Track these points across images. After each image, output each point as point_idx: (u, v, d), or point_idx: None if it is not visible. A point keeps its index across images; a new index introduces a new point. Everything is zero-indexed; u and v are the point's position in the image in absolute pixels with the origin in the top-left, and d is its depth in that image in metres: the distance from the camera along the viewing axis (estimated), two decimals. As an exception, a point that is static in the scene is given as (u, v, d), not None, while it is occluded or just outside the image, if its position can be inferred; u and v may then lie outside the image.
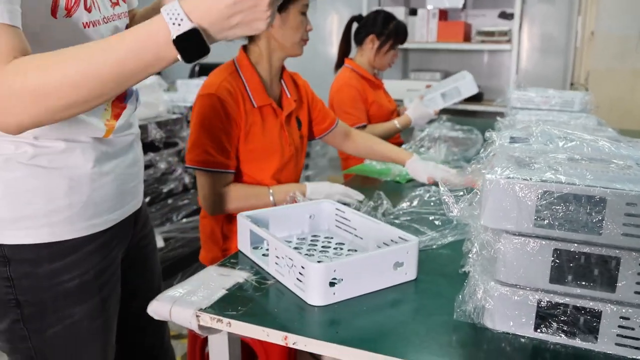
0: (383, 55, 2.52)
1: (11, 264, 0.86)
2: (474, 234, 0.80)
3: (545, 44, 4.52)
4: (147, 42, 0.71)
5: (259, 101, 1.50)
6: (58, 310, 0.90)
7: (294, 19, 1.52)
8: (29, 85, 0.70)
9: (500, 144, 0.94)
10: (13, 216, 0.85)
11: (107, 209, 0.94)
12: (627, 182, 0.70)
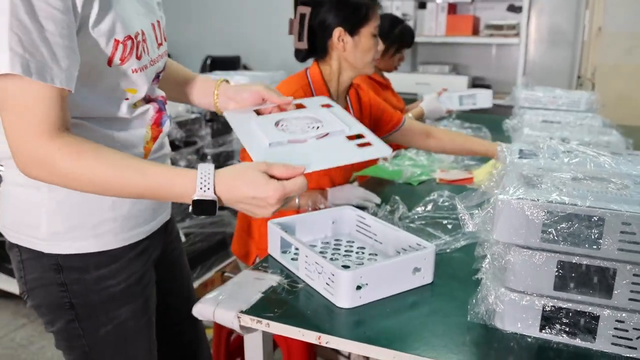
0: (389, 58, 2.61)
1: (64, 271, 0.96)
2: (487, 246, 0.89)
3: (553, 37, 4.56)
4: (172, 189, 0.85)
5: None
6: (107, 311, 1.01)
7: (365, 42, 1.59)
8: (65, 167, 0.81)
9: (510, 160, 1.04)
10: (66, 229, 0.95)
11: (144, 221, 1.04)
12: (623, 203, 0.79)
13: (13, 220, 0.97)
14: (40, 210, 0.93)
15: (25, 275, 0.97)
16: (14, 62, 0.75)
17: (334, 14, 1.57)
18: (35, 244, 0.95)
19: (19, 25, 0.75)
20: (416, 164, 1.97)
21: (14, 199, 0.96)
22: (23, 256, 0.97)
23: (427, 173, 1.86)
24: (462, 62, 4.80)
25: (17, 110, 0.79)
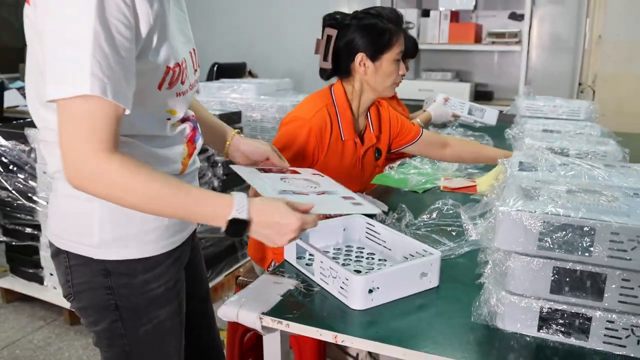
0: None
1: (111, 276, 1.05)
2: (489, 253, 0.97)
3: (555, 45, 4.63)
4: (213, 209, 0.95)
5: (346, 135, 1.67)
6: (148, 312, 1.09)
7: (387, 67, 1.66)
8: (123, 182, 0.89)
9: (510, 172, 1.12)
10: (114, 237, 1.03)
11: (179, 230, 1.13)
12: (612, 214, 0.87)
13: (64, 229, 1.05)
14: (92, 220, 1.02)
15: (72, 279, 1.06)
16: (94, 85, 0.84)
17: (357, 39, 1.63)
18: (85, 250, 1.03)
19: (100, 52, 0.84)
20: (421, 173, 2.05)
21: (66, 210, 1.05)
22: (71, 262, 1.05)
23: (431, 181, 1.94)
24: (465, 69, 4.88)
25: (87, 127, 0.86)
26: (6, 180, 2.64)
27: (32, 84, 1.02)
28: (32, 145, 2.50)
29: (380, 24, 1.63)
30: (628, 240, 0.85)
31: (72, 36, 0.84)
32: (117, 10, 0.86)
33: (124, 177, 0.89)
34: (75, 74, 0.84)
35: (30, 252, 2.73)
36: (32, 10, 0.92)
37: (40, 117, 1.01)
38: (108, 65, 0.85)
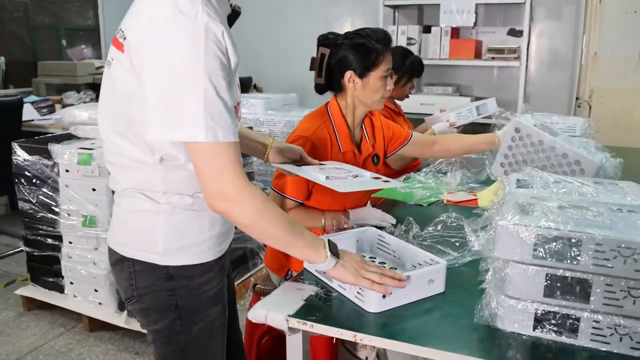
0: (401, 88, 2.83)
1: (174, 279, 1.18)
2: (489, 261, 1.10)
3: (553, 60, 4.76)
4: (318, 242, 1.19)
5: (345, 147, 1.80)
6: (202, 311, 1.23)
7: (373, 83, 1.79)
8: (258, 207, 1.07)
9: (509, 189, 1.25)
10: (177, 246, 1.17)
11: (226, 239, 1.28)
12: (596, 228, 1.00)
13: (131, 239, 1.19)
14: (158, 232, 1.16)
15: (136, 283, 1.20)
16: (207, 133, 1.00)
17: (347, 57, 1.78)
18: (150, 258, 1.17)
19: (210, 104, 0.99)
20: (425, 187, 2.18)
21: (133, 223, 1.19)
22: (135, 268, 1.19)
23: (435, 195, 2.07)
24: (465, 83, 5.02)
25: (228, 163, 1.03)
26: (29, 193, 2.77)
27: (109, 116, 1.17)
28: (55, 160, 2.64)
29: (368, 44, 1.77)
30: (610, 250, 0.98)
31: (189, 90, 0.99)
32: (220, 65, 1.01)
33: (259, 205, 1.07)
34: (199, 122, 0.99)
35: (51, 261, 2.86)
36: (126, 57, 1.06)
37: (115, 145, 1.16)
38: (218, 113, 1.01)
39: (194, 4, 1.00)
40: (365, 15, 5.26)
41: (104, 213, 2.57)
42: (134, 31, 1.04)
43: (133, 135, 1.12)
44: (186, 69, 0.98)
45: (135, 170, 1.15)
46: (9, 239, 4.05)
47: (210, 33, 0.99)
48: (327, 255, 1.15)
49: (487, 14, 4.87)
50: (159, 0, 1.02)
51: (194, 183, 1.14)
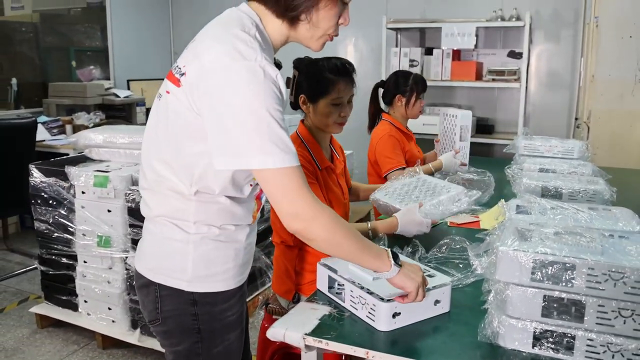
0: (412, 107, 2.96)
1: (198, 305, 1.27)
2: (491, 283, 1.19)
3: (552, 81, 4.88)
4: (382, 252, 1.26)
5: (321, 164, 1.91)
6: (222, 335, 1.31)
7: (322, 109, 1.92)
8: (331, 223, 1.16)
9: (509, 215, 1.34)
10: (204, 274, 1.26)
11: (247, 268, 1.37)
12: (589, 253, 1.09)
13: (160, 265, 1.28)
14: (187, 260, 1.24)
15: (161, 307, 1.28)
16: (275, 160, 1.09)
17: (302, 83, 1.94)
18: (178, 284, 1.25)
19: (274, 134, 1.09)
20: (430, 209, 2.26)
21: (164, 250, 1.27)
22: (162, 292, 1.27)
23: (439, 217, 2.16)
24: (467, 104, 5.12)
25: (299, 184, 1.12)
26: (45, 213, 2.86)
27: (155, 144, 1.26)
28: (71, 182, 2.73)
29: (322, 73, 1.91)
30: (601, 274, 1.07)
31: (252, 123, 1.08)
32: (277, 101, 1.11)
33: (330, 221, 1.15)
34: (265, 150, 1.09)
35: (66, 280, 2.95)
36: (184, 91, 1.15)
37: (155, 172, 1.25)
38: (283, 141, 1.10)
39: (254, 50, 1.11)
40: (368, 37, 5.39)
41: (118, 234, 2.66)
42: (195, 70, 1.14)
43: (177, 166, 1.21)
44: (249, 105, 1.08)
45: (170, 199, 1.24)
46: (21, 258, 4.14)
47: (267, 74, 1.10)
48: (392, 264, 1.24)
49: (488, 36, 5.00)
50: (222, 44, 1.12)
51: (222, 216, 1.24)
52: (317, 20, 1.20)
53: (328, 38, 1.26)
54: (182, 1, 6.43)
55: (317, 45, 1.27)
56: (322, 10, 1.19)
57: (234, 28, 1.14)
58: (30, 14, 5.20)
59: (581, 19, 4.61)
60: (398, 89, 2.97)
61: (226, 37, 1.13)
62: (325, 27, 1.22)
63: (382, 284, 1.31)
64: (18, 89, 4.99)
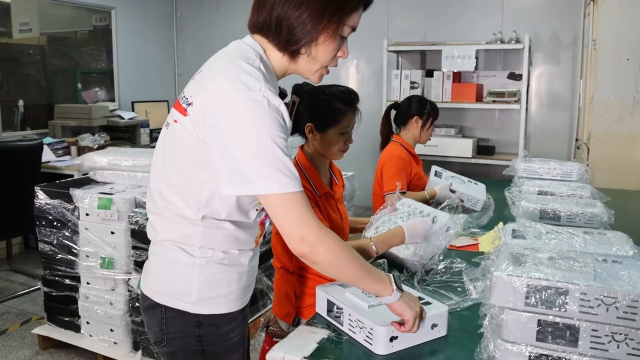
0: (426, 131, 3.04)
1: (202, 326, 1.29)
2: (487, 308, 1.21)
3: (552, 102, 4.92)
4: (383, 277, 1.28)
5: (320, 190, 1.94)
6: (225, 356, 1.34)
7: (331, 138, 1.94)
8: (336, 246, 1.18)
9: (504, 240, 1.36)
10: (208, 296, 1.28)
11: (249, 291, 1.39)
12: (582, 278, 1.11)
13: (166, 288, 1.31)
14: (192, 282, 1.27)
15: (166, 328, 1.31)
16: (280, 186, 1.12)
17: (310, 111, 1.95)
18: (183, 306, 1.28)
19: (278, 161, 1.12)
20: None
21: (170, 273, 1.30)
22: (167, 314, 1.30)
23: (438, 240, 2.18)
24: (468, 125, 5.17)
25: (303, 209, 1.15)
26: (50, 235, 2.89)
27: (162, 170, 1.30)
28: (76, 204, 2.77)
29: (332, 103, 1.93)
30: (594, 299, 1.08)
31: (259, 151, 1.11)
32: (281, 129, 1.15)
33: (334, 245, 1.18)
34: (271, 177, 1.12)
35: (68, 301, 2.97)
36: (190, 120, 1.19)
37: (163, 197, 1.29)
38: (287, 167, 1.13)
39: (258, 81, 1.15)
40: (369, 60, 5.46)
41: (121, 255, 2.68)
42: (201, 100, 1.18)
43: (185, 192, 1.25)
44: (254, 133, 1.12)
45: (177, 224, 1.27)
46: (24, 278, 4.16)
47: (272, 104, 1.14)
48: (394, 289, 1.27)
49: (488, 58, 5.06)
50: (227, 76, 1.16)
51: (227, 241, 1.27)
52: (317, 54, 1.25)
53: (325, 71, 1.31)
54: (186, 24, 6.53)
55: (315, 78, 1.32)
56: (321, 45, 1.23)
57: (239, 60, 1.19)
58: (38, 37, 5.29)
59: (580, 41, 4.68)
60: (416, 111, 3.05)
61: (231, 69, 1.17)
62: (324, 60, 1.27)
63: (377, 312, 1.33)
64: (24, 110, 5.06)
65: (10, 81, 4.98)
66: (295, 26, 1.21)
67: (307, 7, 1.19)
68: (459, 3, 5.10)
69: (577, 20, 4.67)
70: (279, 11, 1.21)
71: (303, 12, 1.20)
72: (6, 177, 3.62)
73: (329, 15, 1.20)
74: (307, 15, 1.20)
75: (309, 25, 1.20)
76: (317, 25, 1.20)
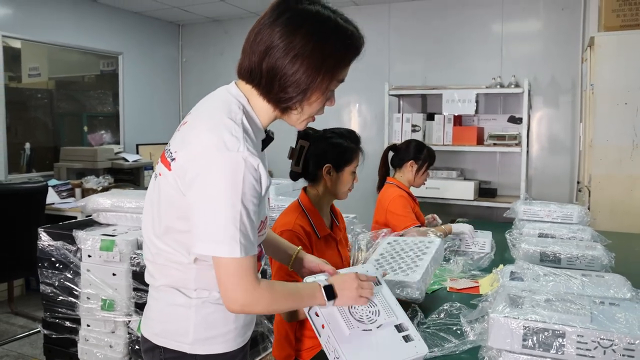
0: (421, 175, 3.08)
1: None
2: (485, 350, 1.21)
3: (553, 146, 4.96)
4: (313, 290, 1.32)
5: (321, 232, 1.96)
6: None
7: (346, 177, 2.04)
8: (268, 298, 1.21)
9: (502, 282, 1.37)
10: (205, 336, 1.29)
11: (249, 329, 1.40)
12: (578, 320, 1.11)
13: (164, 329, 1.32)
14: (188, 323, 1.28)
15: None
16: (240, 250, 1.16)
17: (327, 153, 2.02)
18: (180, 347, 1.29)
19: (242, 225, 1.16)
20: (430, 274, 2.28)
21: (168, 316, 1.31)
22: (166, 355, 1.31)
23: (439, 282, 2.18)
24: (469, 168, 5.21)
25: (243, 275, 1.17)
26: (51, 276, 2.90)
27: (151, 220, 1.33)
28: (78, 246, 2.78)
29: (345, 143, 2.04)
30: (591, 341, 1.09)
31: (227, 214, 1.15)
32: (253, 192, 1.18)
33: (268, 299, 1.22)
34: (230, 240, 1.15)
35: (68, 344, 2.95)
36: (173, 176, 1.23)
37: (154, 245, 1.32)
38: (246, 231, 1.17)
39: (237, 140, 1.18)
40: (371, 103, 5.54)
41: (122, 297, 2.68)
42: (183, 157, 1.21)
43: (169, 240, 1.28)
44: (224, 195, 1.15)
45: (170, 269, 1.29)
46: (24, 321, 4.14)
47: (249, 165, 1.17)
48: (325, 299, 1.31)
49: (488, 102, 5.13)
50: (208, 134, 1.19)
51: None
52: (307, 109, 1.28)
53: (312, 119, 1.35)
54: (191, 68, 6.67)
55: (302, 126, 1.35)
56: (314, 102, 1.27)
57: (221, 115, 1.22)
58: (47, 81, 5.40)
59: (578, 85, 4.75)
60: (412, 155, 3.09)
61: (213, 126, 1.20)
62: (313, 112, 1.30)
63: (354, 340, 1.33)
64: (31, 152, 5.12)
65: (18, 124, 5.06)
66: (288, 85, 1.21)
67: (302, 64, 1.20)
68: (458, 48, 5.20)
69: (575, 66, 4.75)
70: (272, 63, 1.21)
71: (298, 69, 1.20)
72: (10, 219, 3.65)
73: (324, 72, 1.22)
74: (302, 72, 1.20)
75: (303, 85, 1.21)
76: (312, 84, 1.22)
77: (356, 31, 1.27)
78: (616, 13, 3.81)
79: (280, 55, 1.20)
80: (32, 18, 5.01)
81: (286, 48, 1.19)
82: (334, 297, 1.32)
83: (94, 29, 5.61)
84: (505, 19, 5.03)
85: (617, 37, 3.73)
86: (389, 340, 1.34)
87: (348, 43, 1.25)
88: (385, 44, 5.48)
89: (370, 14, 5.49)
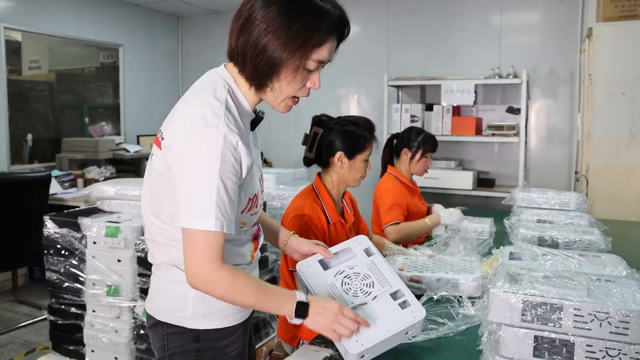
0: (416, 163, 3.06)
1: (200, 341, 1.34)
2: (485, 325, 1.25)
3: (551, 136, 5.01)
4: (282, 298, 1.29)
5: (333, 219, 2.00)
6: None
7: (358, 164, 2.07)
8: (229, 283, 1.22)
9: (502, 260, 1.41)
10: (204, 312, 1.34)
11: None
12: (575, 294, 1.16)
13: (165, 305, 1.36)
14: (188, 299, 1.33)
15: (168, 344, 1.36)
16: (217, 224, 1.18)
17: (339, 140, 2.06)
18: (181, 322, 1.34)
19: (220, 201, 1.18)
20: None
21: (168, 292, 1.36)
22: (168, 330, 1.35)
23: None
24: (467, 158, 5.25)
25: (208, 250, 1.19)
26: (57, 263, 2.94)
27: (148, 201, 1.37)
28: (84, 233, 2.82)
29: (358, 131, 2.08)
30: (587, 314, 1.13)
31: (203, 187, 1.18)
32: (232, 169, 1.20)
33: (230, 280, 1.22)
34: (204, 213, 1.18)
35: (74, 330, 2.98)
36: (162, 154, 1.27)
37: (153, 224, 1.36)
38: (225, 208, 1.19)
39: (218, 117, 1.21)
40: (370, 94, 5.57)
41: (127, 283, 2.72)
42: (169, 135, 1.26)
43: (165, 217, 1.32)
44: (202, 169, 1.18)
45: (168, 247, 1.34)
46: (28, 309, 4.18)
47: (228, 141, 1.20)
48: (292, 314, 1.27)
49: (486, 93, 5.17)
50: (191, 111, 1.24)
51: None
52: (280, 87, 1.29)
53: (292, 102, 1.34)
54: (191, 60, 6.70)
55: (281, 108, 1.35)
56: (284, 80, 1.27)
57: (207, 94, 1.26)
58: (47, 73, 5.42)
59: (576, 76, 4.79)
60: (406, 142, 3.08)
61: (197, 104, 1.24)
62: (288, 92, 1.30)
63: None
64: (33, 144, 5.15)
65: (19, 116, 5.08)
66: (258, 61, 1.23)
67: (270, 39, 1.21)
68: (457, 39, 5.23)
69: (574, 56, 4.78)
70: (245, 39, 1.24)
71: (267, 44, 1.21)
72: (14, 209, 3.68)
73: (290, 50, 1.21)
74: (270, 47, 1.21)
75: (272, 60, 1.22)
76: (280, 60, 1.22)
77: (335, 11, 1.25)
78: (614, 4, 3.85)
79: (252, 30, 1.22)
80: (33, 10, 5.03)
81: (258, 23, 1.22)
82: (303, 317, 1.28)
83: (94, 21, 5.63)
84: (504, 10, 5.05)
85: (615, 27, 3.77)
86: (386, 310, 1.37)
87: (320, 21, 1.22)
88: (384, 35, 5.51)
89: (370, 4, 5.51)
